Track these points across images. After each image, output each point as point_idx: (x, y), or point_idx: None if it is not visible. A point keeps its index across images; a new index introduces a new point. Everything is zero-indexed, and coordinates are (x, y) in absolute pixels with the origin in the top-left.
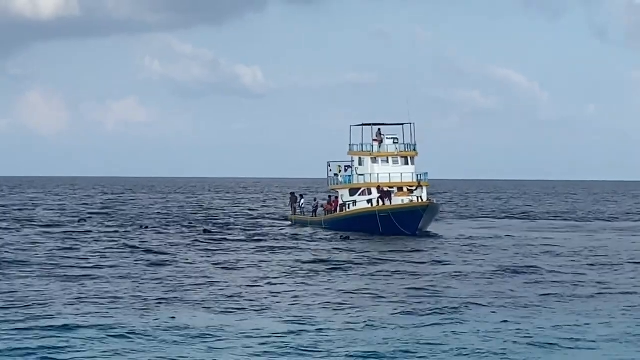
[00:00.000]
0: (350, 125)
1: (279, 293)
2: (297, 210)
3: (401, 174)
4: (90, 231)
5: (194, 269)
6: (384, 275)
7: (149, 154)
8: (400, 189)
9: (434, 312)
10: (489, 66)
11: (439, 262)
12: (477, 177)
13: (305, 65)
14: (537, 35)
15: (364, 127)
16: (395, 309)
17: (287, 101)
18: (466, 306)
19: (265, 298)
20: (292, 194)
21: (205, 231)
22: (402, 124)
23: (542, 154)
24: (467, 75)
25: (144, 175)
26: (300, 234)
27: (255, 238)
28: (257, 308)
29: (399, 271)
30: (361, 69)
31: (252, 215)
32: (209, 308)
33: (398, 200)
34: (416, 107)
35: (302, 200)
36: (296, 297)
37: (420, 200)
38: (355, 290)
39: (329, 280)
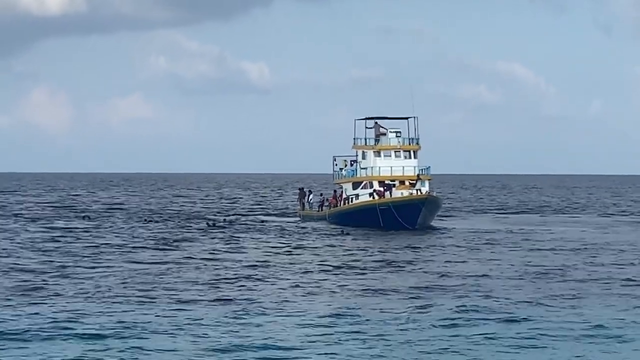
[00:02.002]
0: (355, 119)
1: (290, 289)
2: (306, 205)
3: (403, 167)
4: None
5: (201, 264)
6: (400, 273)
7: (155, 151)
8: (402, 182)
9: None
10: (493, 61)
11: (450, 260)
12: (482, 172)
13: (310, 60)
14: (543, 30)
15: (367, 120)
16: (421, 309)
17: (293, 96)
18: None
19: (281, 294)
20: (301, 189)
21: (209, 225)
22: (407, 118)
23: (547, 148)
24: (472, 70)
25: (149, 171)
26: (305, 229)
27: (263, 233)
28: (274, 306)
29: (413, 268)
30: (366, 65)
31: (260, 210)
32: (222, 305)
33: (398, 193)
34: (421, 102)
35: (311, 196)
36: (308, 294)
37: (419, 194)
38: (369, 289)
39: (342, 277)
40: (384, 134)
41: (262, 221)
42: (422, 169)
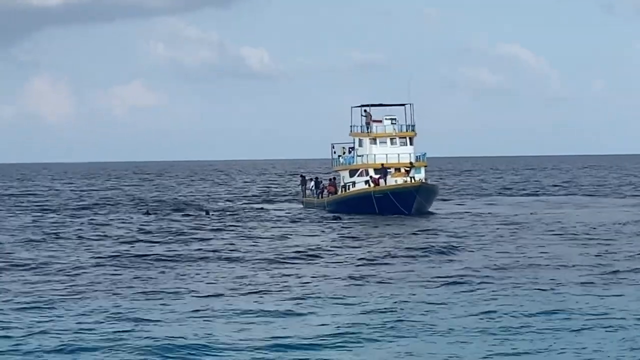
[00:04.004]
0: (351, 107)
1: (304, 280)
2: (308, 193)
3: (398, 154)
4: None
5: (209, 257)
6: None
7: (156, 138)
8: (398, 169)
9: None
10: (497, 43)
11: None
12: (488, 154)
13: (312, 45)
14: (545, 11)
15: (363, 108)
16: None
17: (294, 82)
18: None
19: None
20: (302, 176)
21: (207, 213)
22: (403, 105)
23: (552, 129)
24: (475, 52)
25: (150, 160)
26: (304, 216)
27: (266, 221)
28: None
29: (444, 257)
30: (368, 49)
31: (260, 197)
32: (228, 295)
33: (392, 181)
34: (425, 85)
35: (312, 183)
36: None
37: (413, 181)
38: (394, 278)
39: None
40: (375, 121)
41: (262, 208)
42: (418, 156)
